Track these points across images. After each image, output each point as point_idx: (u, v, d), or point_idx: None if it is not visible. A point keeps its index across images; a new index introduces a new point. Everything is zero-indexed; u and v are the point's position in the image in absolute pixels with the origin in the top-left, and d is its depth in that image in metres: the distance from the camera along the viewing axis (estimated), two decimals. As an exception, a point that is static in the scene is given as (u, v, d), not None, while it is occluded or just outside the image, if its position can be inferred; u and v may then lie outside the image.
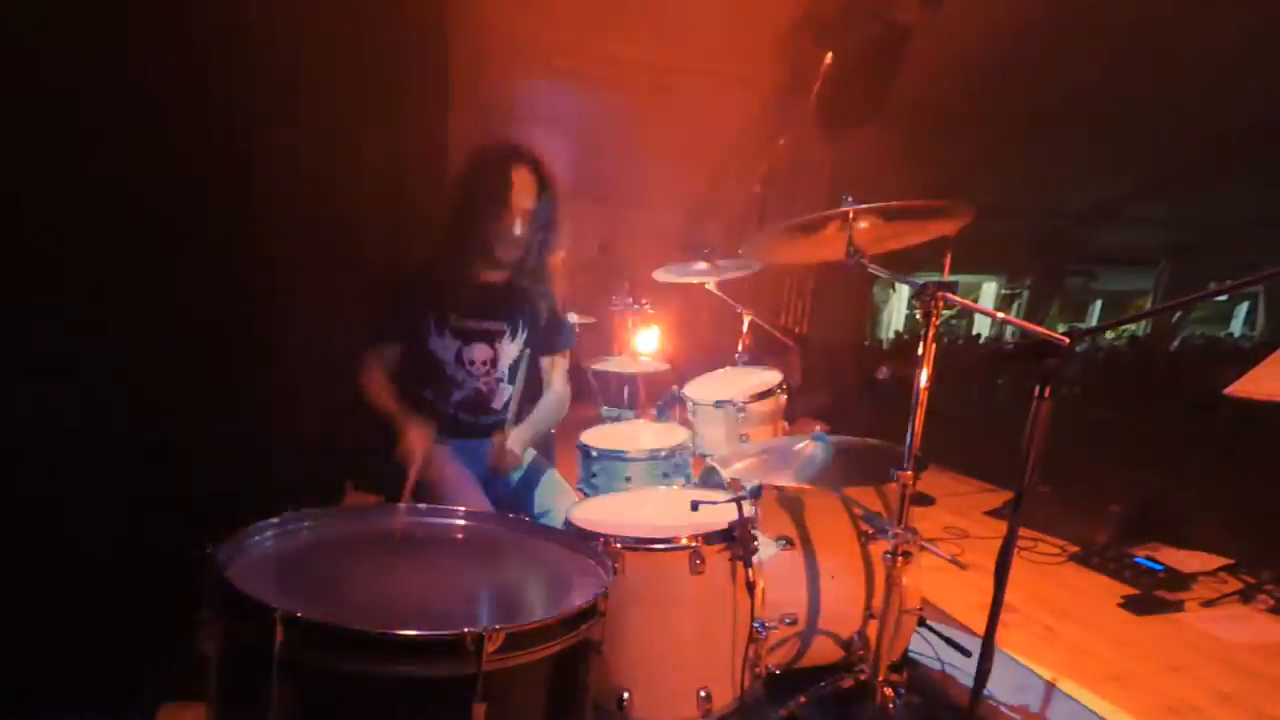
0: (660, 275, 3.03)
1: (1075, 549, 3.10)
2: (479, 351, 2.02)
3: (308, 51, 2.22)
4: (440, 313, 1.99)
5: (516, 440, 1.94)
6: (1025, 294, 11.58)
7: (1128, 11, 4.70)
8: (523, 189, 1.92)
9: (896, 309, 12.57)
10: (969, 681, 1.34)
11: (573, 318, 3.73)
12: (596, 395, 3.63)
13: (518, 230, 1.93)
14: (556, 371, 2.19)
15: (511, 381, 2.07)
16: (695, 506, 1.60)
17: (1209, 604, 2.60)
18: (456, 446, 1.96)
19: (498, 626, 0.98)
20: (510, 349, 2.07)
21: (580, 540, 1.53)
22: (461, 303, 1.99)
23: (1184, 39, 4.97)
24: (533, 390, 2.14)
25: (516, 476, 2.04)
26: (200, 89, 1.78)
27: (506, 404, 2.05)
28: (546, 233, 2.00)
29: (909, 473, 1.48)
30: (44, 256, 1.55)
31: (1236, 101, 5.90)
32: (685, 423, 2.75)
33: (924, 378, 1.48)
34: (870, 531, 1.81)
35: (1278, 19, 4.64)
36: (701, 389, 2.81)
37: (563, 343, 2.19)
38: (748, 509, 1.60)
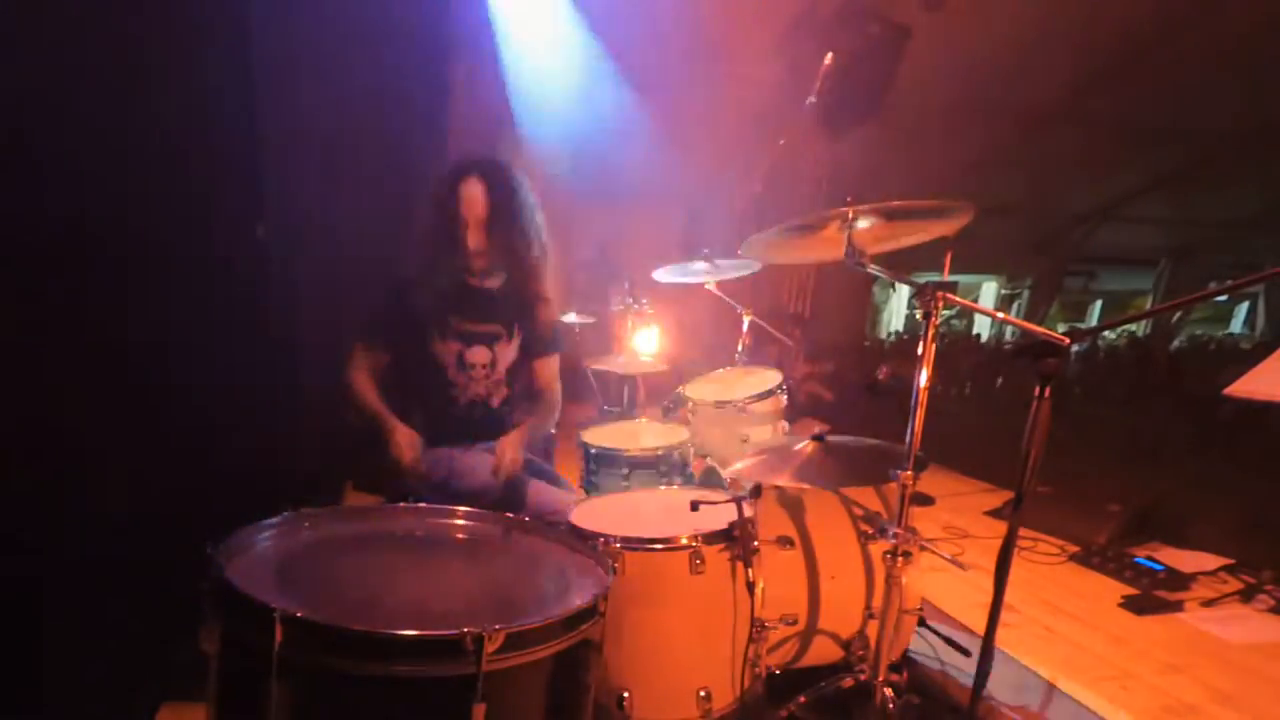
0: (660, 275, 3.03)
1: (1075, 549, 3.10)
2: (478, 354, 2.06)
3: (306, 52, 2.22)
4: (441, 316, 2.02)
5: (515, 445, 1.96)
6: (1025, 294, 11.56)
7: (1128, 12, 4.70)
8: (471, 200, 1.94)
9: (896, 309, 12.57)
10: (969, 681, 1.34)
11: (573, 318, 3.75)
12: (597, 395, 3.63)
13: (473, 241, 1.96)
14: (548, 374, 2.21)
15: (510, 385, 2.12)
16: (695, 506, 1.60)
17: (1209, 604, 2.60)
18: (459, 453, 2.01)
19: (498, 626, 0.98)
20: (508, 351, 2.10)
21: (580, 540, 1.53)
22: (460, 306, 2.02)
23: (1184, 39, 4.97)
24: (524, 389, 2.18)
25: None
26: (200, 91, 1.78)
27: (505, 401, 2.11)
28: (518, 237, 2.01)
29: (909, 473, 1.48)
30: (45, 255, 1.55)
31: (1236, 101, 5.90)
32: (685, 422, 2.75)
33: (924, 378, 1.48)
34: (870, 531, 1.81)
35: (1277, 19, 4.64)
36: (701, 389, 2.81)
37: (554, 345, 2.22)
38: (748, 509, 1.60)
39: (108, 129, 1.60)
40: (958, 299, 1.48)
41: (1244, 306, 12.01)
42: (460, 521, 1.51)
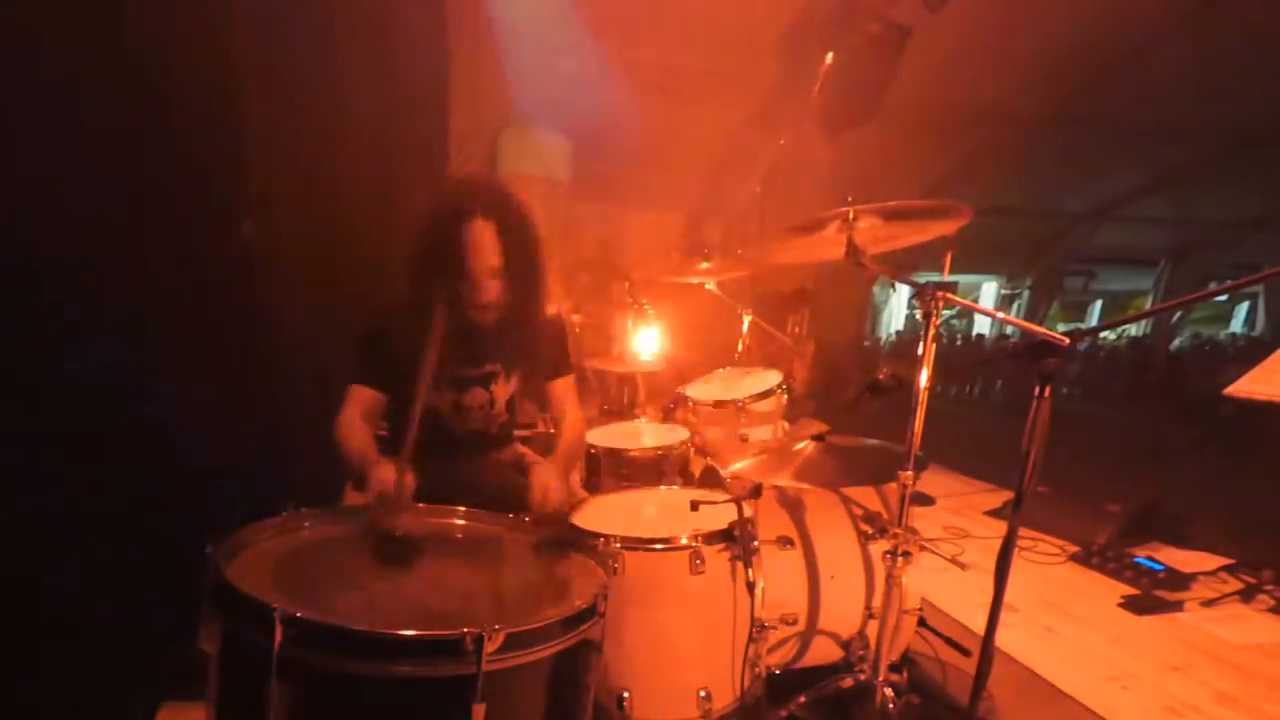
0: (660, 275, 3.03)
1: (1075, 549, 3.10)
2: (475, 397, 1.87)
3: (303, 54, 2.22)
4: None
5: (553, 475, 1.67)
6: (1025, 294, 11.58)
7: (1128, 12, 4.70)
8: (481, 249, 1.63)
9: (896, 309, 12.58)
10: (969, 681, 1.34)
11: (574, 318, 3.75)
12: (596, 395, 3.63)
13: (483, 294, 1.67)
14: (566, 397, 1.99)
15: (510, 413, 1.96)
16: (695, 506, 1.60)
17: (1209, 604, 2.60)
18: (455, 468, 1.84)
19: (498, 626, 0.98)
20: (507, 388, 1.92)
21: (580, 540, 1.53)
22: (450, 352, 1.72)
23: (1184, 39, 4.97)
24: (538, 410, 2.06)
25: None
26: (199, 95, 1.79)
27: (503, 426, 1.97)
28: (533, 281, 1.74)
29: (909, 473, 1.48)
30: (45, 256, 1.55)
31: (1236, 102, 5.90)
32: (685, 422, 2.75)
33: (924, 378, 1.48)
34: (870, 531, 1.81)
35: (1277, 21, 4.64)
36: (702, 389, 2.81)
37: (564, 367, 2.00)
38: (748, 509, 1.60)
39: (100, 131, 1.60)
40: (958, 299, 1.48)
41: (1244, 306, 12.03)
42: (460, 521, 1.51)
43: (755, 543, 1.60)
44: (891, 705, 1.60)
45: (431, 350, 1.58)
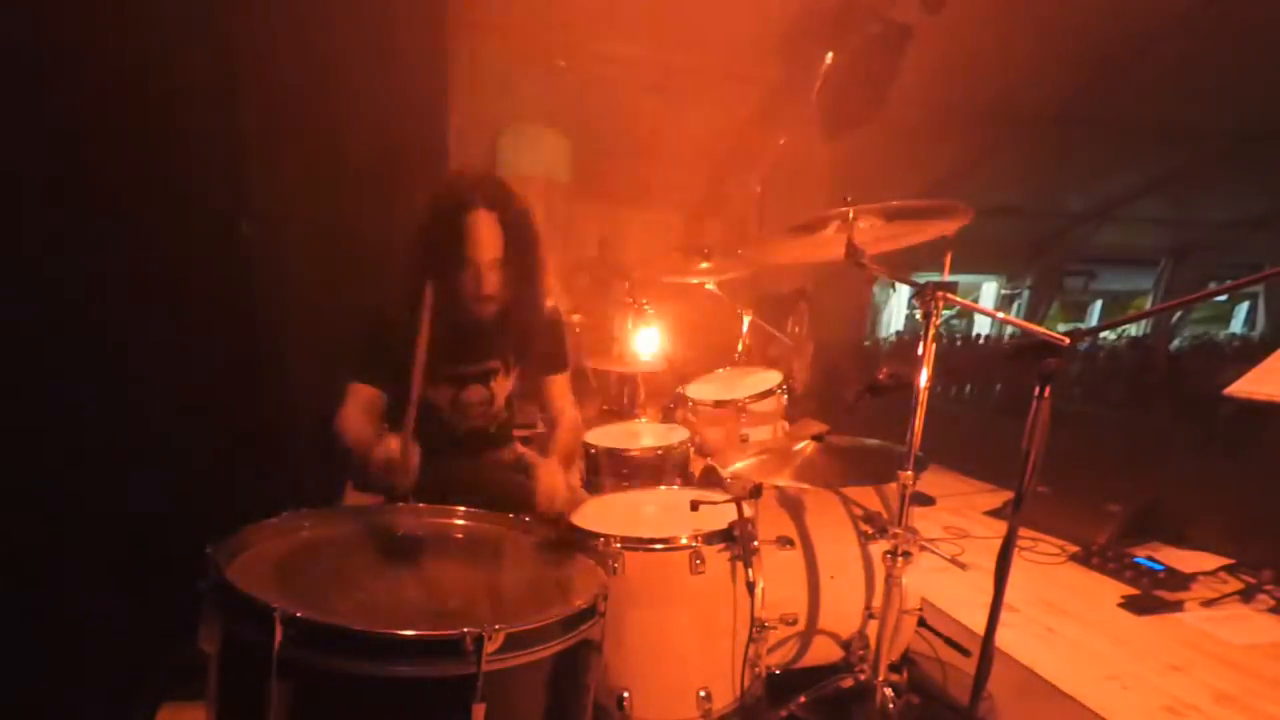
0: (660, 275, 3.03)
1: (1075, 549, 3.10)
2: (474, 393, 1.88)
3: (303, 54, 2.22)
4: (430, 362, 1.74)
5: (557, 474, 1.66)
6: (1025, 294, 11.58)
7: (1128, 12, 4.70)
8: (482, 239, 1.64)
9: (896, 309, 12.57)
10: (969, 681, 1.34)
11: (574, 318, 3.75)
12: (596, 395, 3.64)
13: (484, 285, 1.68)
14: (562, 394, 2.00)
15: (510, 410, 1.98)
16: (695, 506, 1.60)
17: (1209, 604, 2.60)
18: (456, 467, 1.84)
19: (497, 626, 0.98)
20: (507, 384, 1.94)
21: (580, 540, 1.53)
22: (450, 349, 1.74)
23: (1185, 39, 4.97)
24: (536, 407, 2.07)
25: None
26: (199, 95, 1.79)
27: (503, 425, 1.99)
28: (532, 272, 1.76)
29: (909, 473, 1.48)
30: (45, 258, 1.55)
31: (1236, 102, 5.90)
32: (685, 422, 2.75)
33: (924, 378, 1.48)
34: (870, 531, 1.81)
35: (1277, 21, 4.64)
36: (702, 389, 2.81)
37: (560, 363, 2.01)
38: (748, 509, 1.60)
39: (101, 131, 1.60)
40: (958, 299, 1.48)
41: (1244, 306, 12.03)
42: (460, 521, 1.52)
43: (755, 543, 1.60)
44: (891, 705, 1.60)
45: (425, 333, 1.58)
